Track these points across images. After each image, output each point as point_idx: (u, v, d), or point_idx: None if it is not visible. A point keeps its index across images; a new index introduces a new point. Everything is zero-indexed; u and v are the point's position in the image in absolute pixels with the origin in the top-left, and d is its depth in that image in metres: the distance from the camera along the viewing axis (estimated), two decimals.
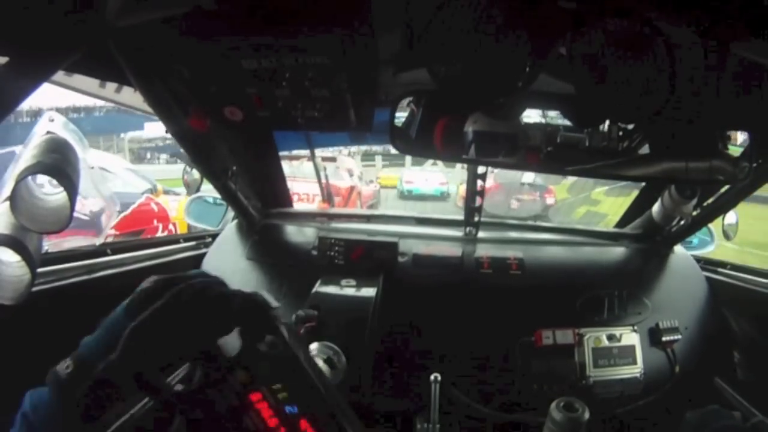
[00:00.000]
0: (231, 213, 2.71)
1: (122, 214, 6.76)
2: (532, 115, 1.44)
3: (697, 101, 1.22)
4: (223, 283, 1.02)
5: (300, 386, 1.07)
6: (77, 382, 0.85)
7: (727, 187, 1.94)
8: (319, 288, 1.99)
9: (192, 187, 2.37)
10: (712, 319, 2.21)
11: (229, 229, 2.56)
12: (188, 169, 2.28)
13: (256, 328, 1.01)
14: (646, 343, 2.07)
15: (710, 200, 2.09)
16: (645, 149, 1.41)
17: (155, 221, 7.52)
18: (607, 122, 1.38)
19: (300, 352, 1.05)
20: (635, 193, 2.61)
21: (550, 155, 1.41)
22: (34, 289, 1.26)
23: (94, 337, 0.93)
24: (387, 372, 1.96)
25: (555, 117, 1.46)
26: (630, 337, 2.04)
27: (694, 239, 2.64)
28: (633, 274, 2.33)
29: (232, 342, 1.03)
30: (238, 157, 2.24)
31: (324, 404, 1.07)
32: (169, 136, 1.73)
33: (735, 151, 1.44)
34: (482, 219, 2.45)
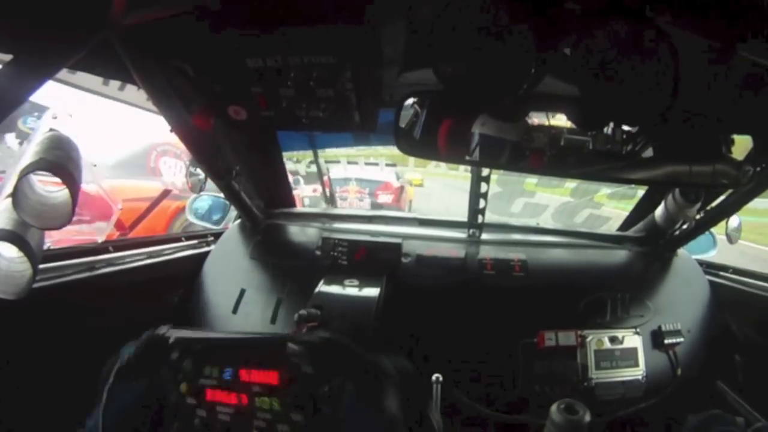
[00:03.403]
0: (234, 212, 2.71)
1: None
2: (536, 118, 1.44)
3: (701, 104, 1.22)
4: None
5: (212, 352, 1.24)
6: None
7: (730, 191, 1.93)
8: (322, 288, 1.99)
9: (196, 186, 2.37)
10: (714, 322, 2.21)
11: (232, 229, 2.57)
12: (192, 168, 2.28)
13: (161, 354, 1.25)
14: (648, 345, 2.07)
15: (714, 204, 2.09)
16: (649, 152, 1.41)
17: None
18: (612, 125, 1.37)
19: (189, 332, 1.31)
20: (638, 196, 2.61)
21: (555, 158, 1.41)
22: (36, 285, 1.26)
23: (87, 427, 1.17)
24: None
25: (559, 119, 1.45)
26: (632, 339, 2.04)
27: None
28: (636, 276, 2.33)
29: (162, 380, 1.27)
30: (241, 157, 2.24)
31: (230, 342, 1.23)
32: None
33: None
34: (485, 221, 2.45)
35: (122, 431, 1.17)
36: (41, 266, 1.44)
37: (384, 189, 10.53)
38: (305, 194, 8.18)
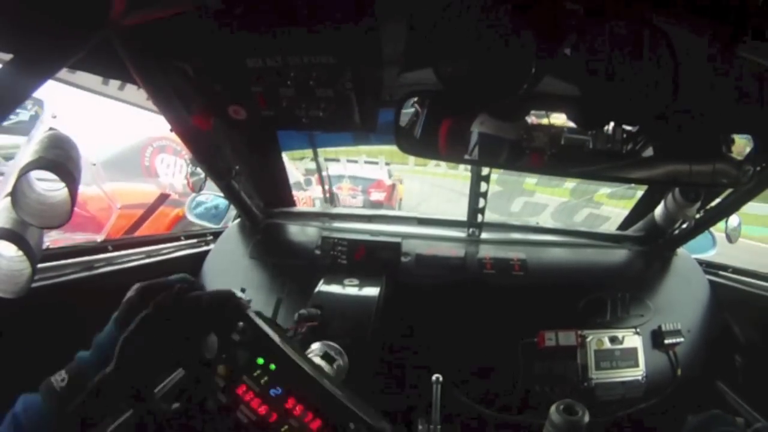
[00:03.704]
0: (233, 211, 2.71)
1: None
2: (536, 117, 1.44)
3: (701, 104, 1.22)
4: (199, 287, 1.07)
5: (279, 366, 1.10)
6: (72, 393, 0.90)
7: (730, 190, 1.93)
8: (322, 287, 1.99)
9: (196, 186, 2.37)
10: (714, 322, 2.21)
11: (232, 228, 2.57)
12: (192, 167, 2.28)
13: (226, 320, 1.07)
14: (649, 345, 2.07)
15: (713, 203, 2.09)
16: (649, 152, 1.41)
17: None
18: (612, 124, 1.37)
19: (273, 332, 1.11)
20: (638, 195, 2.61)
21: (555, 157, 1.41)
22: (35, 284, 1.26)
23: (90, 351, 1.00)
24: (389, 372, 1.96)
25: (559, 119, 1.45)
26: (632, 339, 2.04)
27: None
28: (635, 276, 2.33)
29: (211, 343, 1.10)
30: (241, 157, 2.25)
31: (305, 376, 1.10)
32: None
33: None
34: (485, 220, 2.45)
35: (137, 372, 1.02)
36: (40, 265, 1.44)
37: (377, 187, 10.75)
38: (316, 195, 7.78)
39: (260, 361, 1.11)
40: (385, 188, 11.01)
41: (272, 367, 1.10)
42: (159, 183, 6.58)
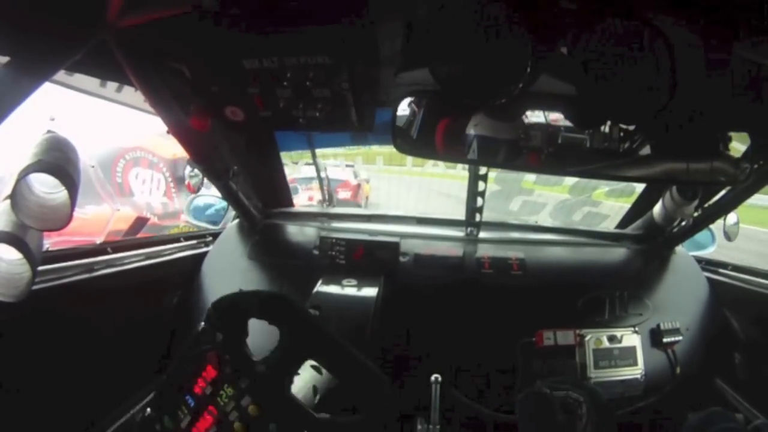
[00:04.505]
0: (232, 212, 2.71)
1: None
2: (533, 116, 1.44)
3: (698, 102, 1.22)
4: None
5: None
6: None
7: (728, 188, 1.93)
8: (321, 288, 1.99)
9: (194, 186, 2.37)
10: (713, 320, 2.21)
11: (231, 229, 2.57)
12: (190, 168, 2.28)
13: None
14: (647, 344, 2.08)
15: (711, 201, 2.09)
16: (646, 150, 1.41)
17: None
18: (609, 123, 1.38)
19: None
20: (636, 194, 2.61)
21: (552, 156, 1.41)
22: (35, 287, 1.26)
23: None
24: (388, 372, 1.97)
25: (556, 118, 1.46)
26: (631, 338, 2.04)
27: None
28: (634, 275, 2.33)
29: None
30: (239, 157, 2.24)
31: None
32: None
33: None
34: (483, 219, 2.45)
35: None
36: (40, 268, 1.44)
37: (343, 186, 11.75)
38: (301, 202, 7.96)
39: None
40: (351, 188, 12.18)
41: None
42: (134, 203, 5.75)
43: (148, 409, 1.24)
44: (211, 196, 2.79)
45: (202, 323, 1.24)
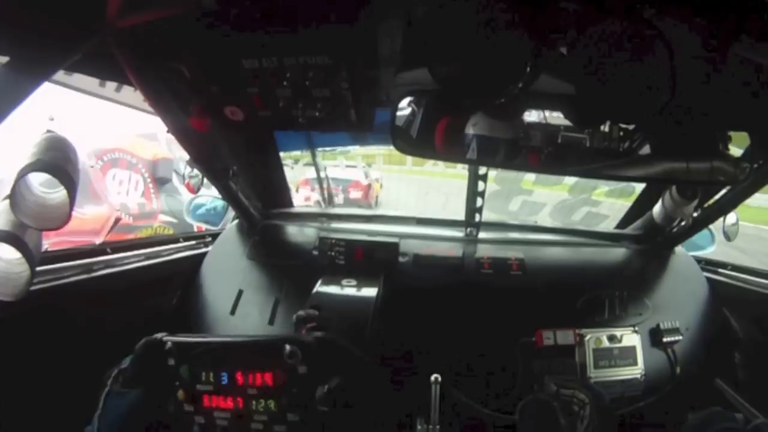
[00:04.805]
0: (231, 213, 2.71)
1: None
2: (533, 116, 1.44)
3: (698, 102, 1.22)
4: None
5: (208, 356, 1.23)
6: None
7: (728, 188, 1.93)
8: (320, 288, 1.99)
9: (194, 187, 2.37)
10: (712, 319, 2.21)
11: (230, 229, 2.57)
12: (189, 169, 2.28)
13: (159, 358, 1.26)
14: (647, 344, 2.07)
15: (711, 201, 2.09)
16: (646, 150, 1.41)
17: None
18: (608, 123, 1.38)
19: (191, 337, 1.27)
20: (636, 194, 2.61)
21: (551, 156, 1.41)
22: (33, 287, 1.26)
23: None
24: (387, 372, 1.96)
25: (556, 117, 1.46)
26: (631, 338, 2.04)
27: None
28: (634, 274, 2.33)
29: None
30: (239, 157, 2.24)
31: (227, 345, 1.21)
32: None
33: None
34: (483, 220, 2.45)
35: None
36: (39, 268, 1.44)
37: (354, 186, 12.23)
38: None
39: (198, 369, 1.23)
40: (362, 188, 12.48)
41: (206, 361, 1.17)
42: (109, 202, 5.66)
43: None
44: (211, 196, 2.79)
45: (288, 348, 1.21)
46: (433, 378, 1.65)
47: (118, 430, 1.17)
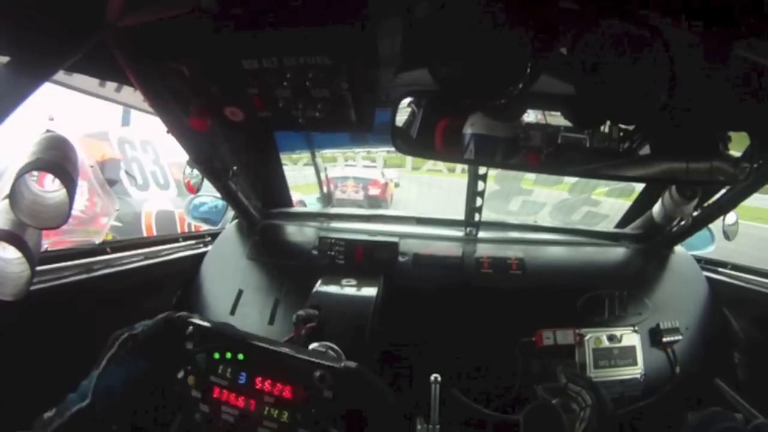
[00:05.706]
0: (231, 213, 2.71)
1: None
2: (532, 116, 1.44)
3: (698, 102, 1.22)
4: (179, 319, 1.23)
5: (233, 351, 1.18)
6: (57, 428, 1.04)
7: (727, 187, 1.93)
8: (320, 287, 1.99)
9: (194, 187, 2.37)
10: (712, 319, 2.21)
11: (230, 229, 2.57)
12: (189, 169, 2.28)
13: (177, 337, 1.19)
14: (647, 343, 2.07)
15: (711, 201, 2.09)
16: (646, 149, 1.41)
17: None
18: (608, 123, 1.38)
19: (217, 325, 1.25)
20: (636, 193, 2.61)
21: (551, 156, 1.41)
22: (33, 287, 1.26)
23: (77, 392, 1.13)
24: (387, 372, 1.96)
25: (556, 117, 1.46)
26: (630, 337, 2.04)
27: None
28: (633, 274, 2.33)
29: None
30: (239, 157, 2.24)
31: (258, 349, 1.17)
32: None
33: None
34: (482, 219, 2.45)
35: (112, 404, 1.13)
36: (39, 268, 1.44)
37: (373, 184, 12.97)
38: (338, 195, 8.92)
39: (216, 355, 1.18)
40: (380, 186, 13.20)
41: (228, 355, 1.15)
42: None
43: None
44: (211, 196, 2.79)
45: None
46: (432, 378, 1.65)
47: (117, 396, 1.12)
